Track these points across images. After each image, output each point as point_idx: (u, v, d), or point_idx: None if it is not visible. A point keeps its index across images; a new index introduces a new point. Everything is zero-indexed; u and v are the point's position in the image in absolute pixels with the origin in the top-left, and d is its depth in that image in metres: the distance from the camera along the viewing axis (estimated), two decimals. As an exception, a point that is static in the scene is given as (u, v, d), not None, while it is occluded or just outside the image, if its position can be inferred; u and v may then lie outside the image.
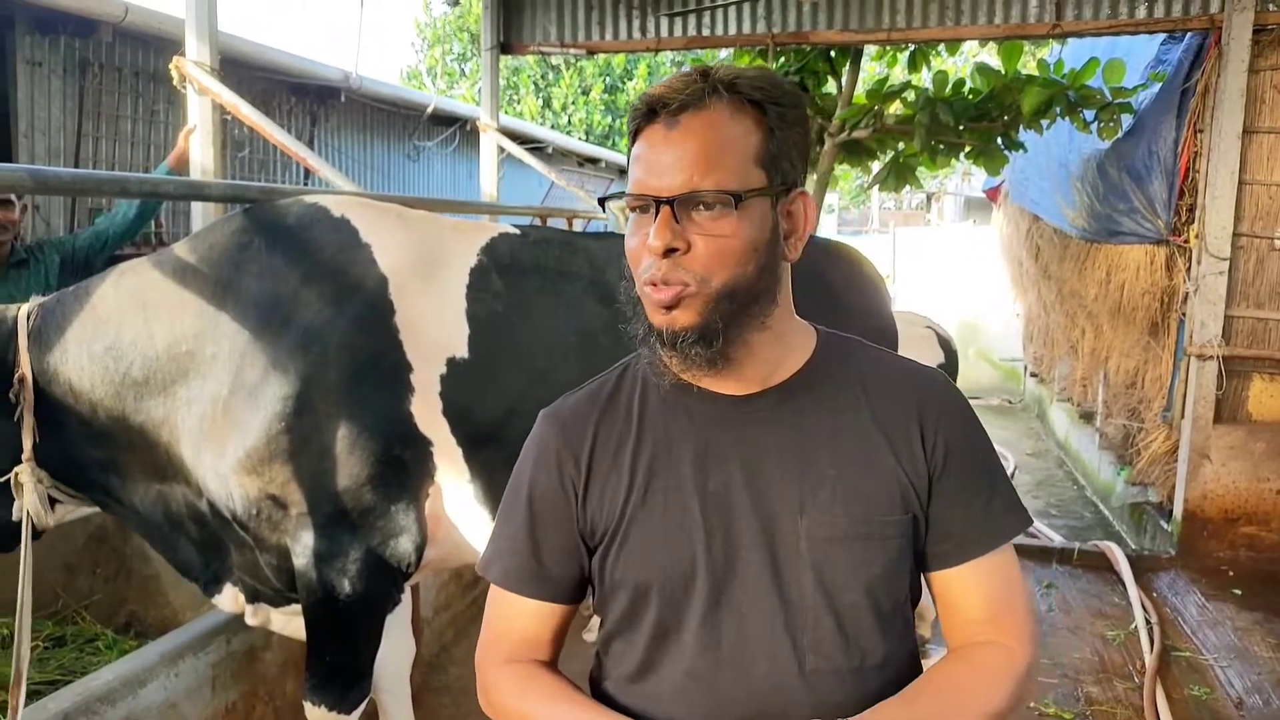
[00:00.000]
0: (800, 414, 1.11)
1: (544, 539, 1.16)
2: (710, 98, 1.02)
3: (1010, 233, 8.55)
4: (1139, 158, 5.14)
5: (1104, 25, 4.89)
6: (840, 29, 5.34)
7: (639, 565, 1.11)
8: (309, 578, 2.11)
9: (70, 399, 2.12)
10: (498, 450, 2.13)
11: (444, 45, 19.90)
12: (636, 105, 1.06)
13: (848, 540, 1.08)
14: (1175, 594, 4.37)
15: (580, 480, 1.14)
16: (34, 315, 2.15)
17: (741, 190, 1.01)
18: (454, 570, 3.78)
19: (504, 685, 1.16)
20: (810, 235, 1.12)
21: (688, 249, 1.01)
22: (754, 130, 1.04)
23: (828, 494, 1.08)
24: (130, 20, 4.97)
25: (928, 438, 1.11)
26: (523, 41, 5.82)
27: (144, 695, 2.19)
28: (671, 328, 1.03)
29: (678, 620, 1.10)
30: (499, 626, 1.20)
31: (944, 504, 1.12)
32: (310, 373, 2.04)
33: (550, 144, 10.69)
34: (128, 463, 2.18)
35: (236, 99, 3.24)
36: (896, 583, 1.11)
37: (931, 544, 1.13)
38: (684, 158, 1.01)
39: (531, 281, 2.25)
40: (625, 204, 1.07)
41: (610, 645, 1.18)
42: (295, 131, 6.98)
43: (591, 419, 1.16)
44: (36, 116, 4.91)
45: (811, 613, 1.08)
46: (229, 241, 2.18)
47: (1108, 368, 6.35)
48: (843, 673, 1.08)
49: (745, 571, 1.08)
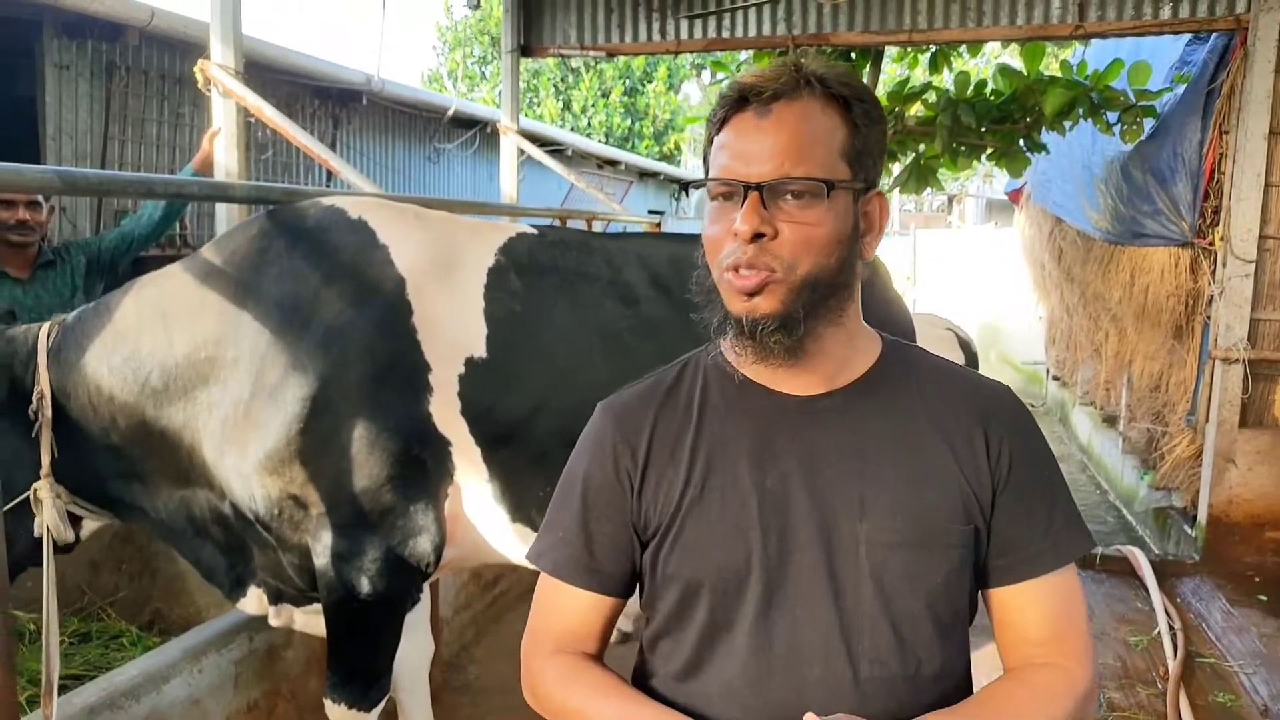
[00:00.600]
0: (864, 417, 1.10)
1: (597, 531, 1.16)
2: (803, 90, 1.03)
3: (1032, 235, 8.49)
4: (1163, 159, 5.09)
5: (1128, 26, 4.85)
6: (860, 30, 5.33)
7: (692, 562, 1.10)
8: (329, 577, 2.13)
9: (91, 412, 2.15)
10: (517, 450, 2.14)
11: (465, 48, 19.99)
12: (726, 93, 1.06)
13: (908, 547, 1.06)
14: (1199, 600, 4.32)
15: (636, 473, 1.13)
16: (54, 333, 2.18)
17: (833, 179, 1.02)
18: (474, 570, 3.79)
19: (550, 676, 1.16)
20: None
21: (774, 235, 1.01)
22: (841, 125, 1.05)
23: (889, 499, 1.07)
24: (156, 24, 5.02)
25: (992, 449, 1.10)
26: (542, 44, 5.85)
27: (167, 691, 2.22)
28: (752, 315, 1.03)
29: (729, 620, 1.09)
30: (547, 617, 1.20)
31: (1006, 518, 1.10)
32: (329, 373, 2.05)
33: (570, 146, 10.72)
34: (151, 470, 2.20)
35: (260, 102, 3.27)
36: (956, 593, 1.09)
37: (992, 558, 1.11)
38: (776, 145, 1.01)
39: (549, 281, 2.26)
40: (708, 191, 1.07)
41: (657, 644, 1.17)
42: (317, 134, 7.04)
43: (650, 412, 1.16)
44: (64, 120, 4.97)
45: (868, 619, 1.06)
46: (248, 247, 2.20)
47: (1131, 371, 6.29)
48: (897, 680, 1.07)
49: (800, 573, 1.07)
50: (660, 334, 2.22)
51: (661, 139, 19.47)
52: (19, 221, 3.24)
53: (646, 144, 18.99)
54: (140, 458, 2.18)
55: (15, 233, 3.25)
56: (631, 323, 2.22)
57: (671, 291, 2.29)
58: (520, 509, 2.18)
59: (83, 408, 2.15)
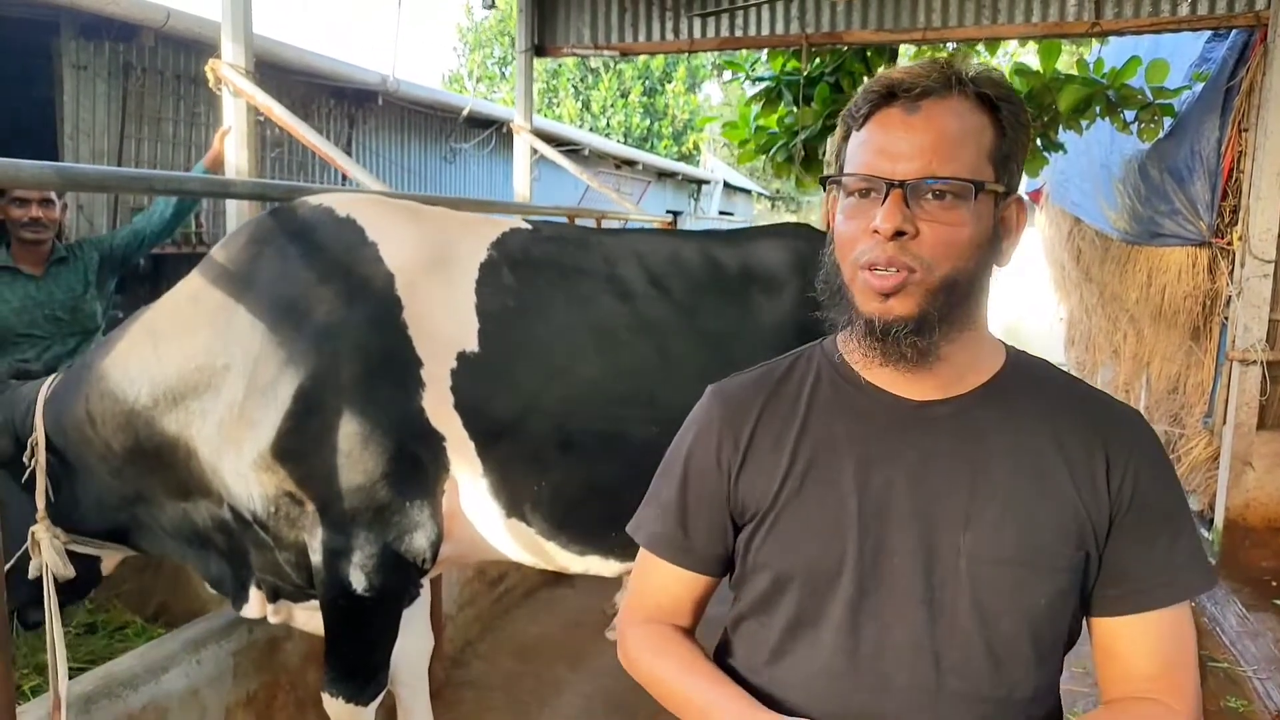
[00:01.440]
0: (980, 427, 1.07)
1: (693, 511, 1.17)
2: (953, 88, 1.01)
3: (1052, 235, 8.41)
4: (1181, 158, 5.03)
5: (1145, 23, 4.79)
6: (875, 29, 5.30)
7: (785, 552, 1.10)
8: (326, 573, 2.14)
9: (88, 444, 2.23)
10: (511, 445, 2.14)
11: (485, 49, 20.08)
12: (871, 87, 1.04)
13: (1013, 565, 1.03)
14: (1214, 604, 4.26)
15: (737, 459, 1.13)
16: (54, 382, 2.29)
17: (980, 180, 1.00)
18: (478, 567, 3.80)
19: (642, 644, 1.18)
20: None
21: (915, 235, 0.99)
22: (989, 127, 1.03)
23: (997, 513, 1.04)
24: (171, 25, 5.08)
25: (1114, 474, 1.05)
26: (556, 44, 5.86)
27: (166, 681, 2.24)
28: (885, 317, 1.01)
29: (816, 615, 1.08)
30: (642, 588, 1.23)
31: (1123, 546, 1.06)
32: (320, 371, 2.06)
33: (587, 146, 10.73)
34: (153, 487, 2.25)
35: (270, 100, 3.30)
36: (1059, 618, 1.06)
37: (1103, 587, 1.07)
38: (924, 143, 0.99)
39: (543, 276, 2.25)
40: (843, 187, 1.05)
41: (741, 625, 1.17)
42: (334, 134, 7.09)
43: (758, 401, 1.16)
44: (81, 119, 5.04)
45: (962, 634, 1.04)
46: (239, 254, 2.23)
47: (1149, 372, 6.21)
48: (987, 701, 1.05)
49: (894, 579, 1.05)
50: (654, 331, 2.22)
51: (680, 139, 19.47)
52: (32, 219, 3.29)
53: (665, 144, 18.99)
54: (141, 476, 2.24)
55: (29, 230, 3.30)
56: (626, 319, 2.22)
57: (667, 288, 2.29)
58: (515, 504, 2.18)
59: (81, 441, 2.23)
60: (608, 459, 2.14)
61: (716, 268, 2.34)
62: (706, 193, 17.08)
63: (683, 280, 2.30)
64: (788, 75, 6.10)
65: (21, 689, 2.35)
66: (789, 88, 6.06)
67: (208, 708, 2.37)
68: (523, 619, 4.03)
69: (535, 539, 2.22)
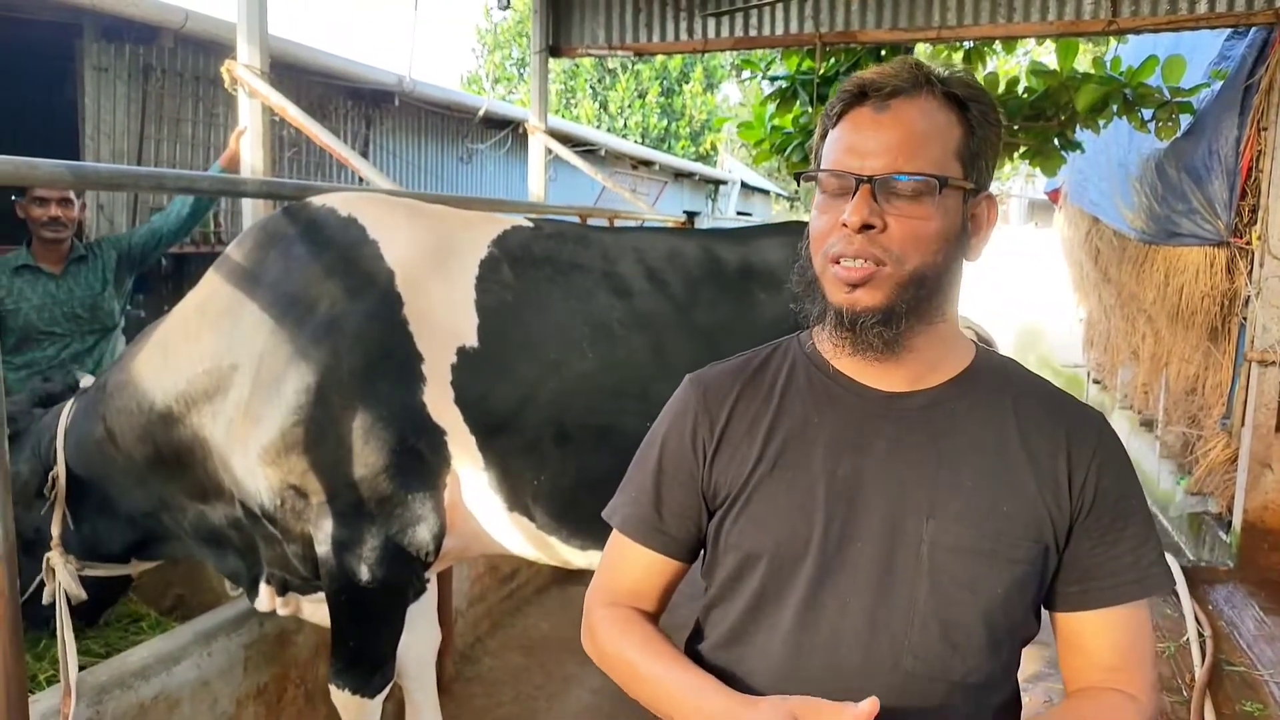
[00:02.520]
0: (948, 420, 1.11)
1: (667, 494, 1.20)
2: (922, 88, 1.05)
3: (1071, 235, 8.35)
4: (1199, 157, 4.97)
5: (1162, 21, 4.74)
6: (889, 28, 5.27)
7: (753, 534, 1.13)
8: (330, 565, 2.17)
9: (110, 463, 2.32)
10: (511, 439, 2.16)
11: (503, 50, 20.16)
12: (845, 87, 1.08)
13: (973, 554, 1.06)
14: (1232, 607, 4.22)
15: (711, 444, 1.16)
16: (72, 409, 2.38)
17: (945, 176, 1.03)
18: (489, 562, 3.83)
19: (605, 627, 1.21)
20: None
21: (883, 229, 1.02)
22: (957, 125, 1.06)
23: (960, 504, 1.07)
24: (190, 27, 5.14)
25: (1075, 474, 1.09)
26: (571, 44, 5.87)
27: (177, 673, 2.27)
28: (854, 307, 1.04)
29: (778, 594, 1.11)
30: (612, 571, 1.25)
31: (1087, 545, 1.09)
32: (322, 366, 2.10)
33: (603, 146, 10.74)
34: (174, 492, 2.33)
35: (284, 101, 3.33)
36: (1015, 608, 1.09)
37: (1066, 583, 1.11)
38: (891, 141, 1.03)
39: (543, 273, 2.27)
40: (818, 183, 1.08)
41: (710, 611, 1.20)
42: (350, 134, 7.14)
43: (734, 388, 1.19)
44: (103, 120, 5.11)
45: (920, 617, 1.06)
46: (245, 257, 2.29)
47: (1168, 373, 6.15)
48: (939, 682, 1.07)
49: (857, 562, 1.08)
50: (653, 326, 2.23)
51: (698, 139, 19.46)
52: (51, 218, 3.34)
53: (683, 144, 18.99)
54: (163, 483, 2.32)
55: (48, 229, 3.36)
56: (624, 314, 2.23)
57: (666, 284, 2.30)
58: (517, 498, 2.20)
59: (104, 460, 2.32)
60: (608, 453, 2.15)
61: (717, 264, 2.35)
62: (724, 193, 17.07)
63: (683, 276, 2.31)
64: (802, 75, 6.09)
65: (37, 679, 2.39)
66: (804, 87, 6.05)
67: (218, 699, 2.40)
68: (533, 615, 4.05)
69: (537, 533, 2.24)
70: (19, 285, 3.33)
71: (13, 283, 3.32)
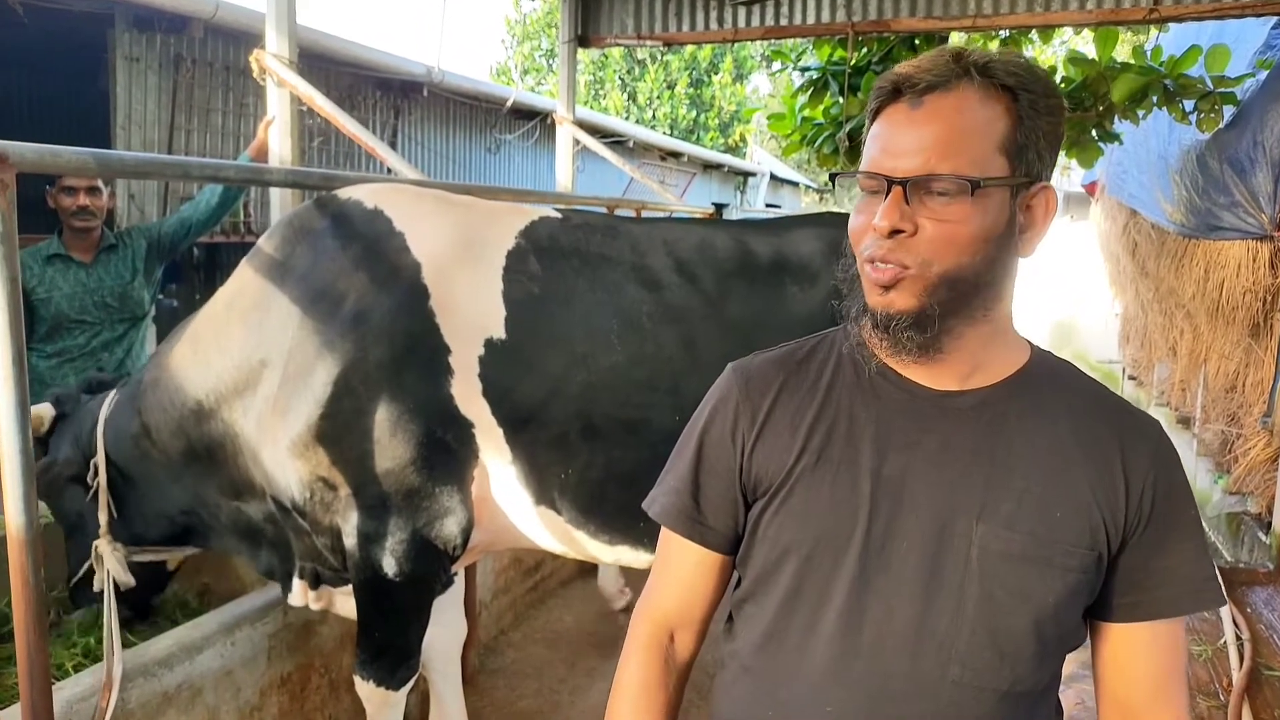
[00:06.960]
0: (1001, 420, 1.07)
1: (706, 484, 1.17)
2: (960, 80, 1.00)
3: (1108, 228, 8.20)
4: (1242, 149, 4.84)
5: (1206, 9, 4.62)
6: (923, 16, 5.18)
7: (793, 527, 1.10)
8: (358, 557, 2.16)
9: (146, 458, 2.34)
10: (538, 432, 2.13)
11: (533, 41, 20.16)
12: (881, 83, 1.04)
13: (1025, 561, 1.03)
14: (1271, 610, 4.12)
15: (751, 435, 1.14)
16: (114, 399, 2.41)
17: (979, 178, 0.98)
18: (514, 555, 3.81)
19: (626, 673, 1.22)
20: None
21: (914, 232, 0.99)
22: (1002, 116, 1.00)
23: (1012, 507, 1.03)
24: (220, 17, 5.16)
25: (1133, 484, 1.05)
26: (599, 34, 5.83)
27: (200, 661, 2.27)
28: (887, 310, 1.02)
29: (816, 592, 1.08)
30: (660, 573, 1.24)
31: (1141, 556, 1.06)
32: (350, 358, 2.09)
33: (631, 138, 10.70)
34: (209, 489, 2.34)
35: (312, 90, 3.32)
36: (1066, 617, 1.06)
37: (1118, 594, 1.07)
38: (924, 139, 0.98)
39: (570, 264, 2.24)
40: (859, 180, 1.05)
41: (743, 606, 1.18)
42: (379, 124, 7.15)
43: (778, 378, 1.16)
44: (134, 109, 5.14)
45: (969, 624, 1.03)
46: (274, 250, 2.28)
47: (1206, 370, 6.02)
48: (988, 693, 1.04)
49: (901, 565, 1.05)
50: (682, 319, 2.20)
51: (727, 131, 19.34)
52: (80, 207, 3.37)
53: (712, 136, 18.89)
54: (198, 479, 2.34)
55: (77, 218, 3.39)
56: (653, 307, 2.20)
57: (697, 277, 2.26)
58: (544, 492, 2.18)
59: (141, 454, 2.34)
60: (636, 447, 2.12)
61: (748, 256, 2.30)
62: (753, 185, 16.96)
63: (713, 269, 2.28)
64: (834, 65, 6.01)
65: (63, 666, 2.40)
66: (835, 78, 5.97)
67: (242, 688, 2.40)
68: (557, 608, 4.03)
69: (565, 527, 2.22)
70: (50, 274, 3.36)
71: (44, 271, 3.35)
